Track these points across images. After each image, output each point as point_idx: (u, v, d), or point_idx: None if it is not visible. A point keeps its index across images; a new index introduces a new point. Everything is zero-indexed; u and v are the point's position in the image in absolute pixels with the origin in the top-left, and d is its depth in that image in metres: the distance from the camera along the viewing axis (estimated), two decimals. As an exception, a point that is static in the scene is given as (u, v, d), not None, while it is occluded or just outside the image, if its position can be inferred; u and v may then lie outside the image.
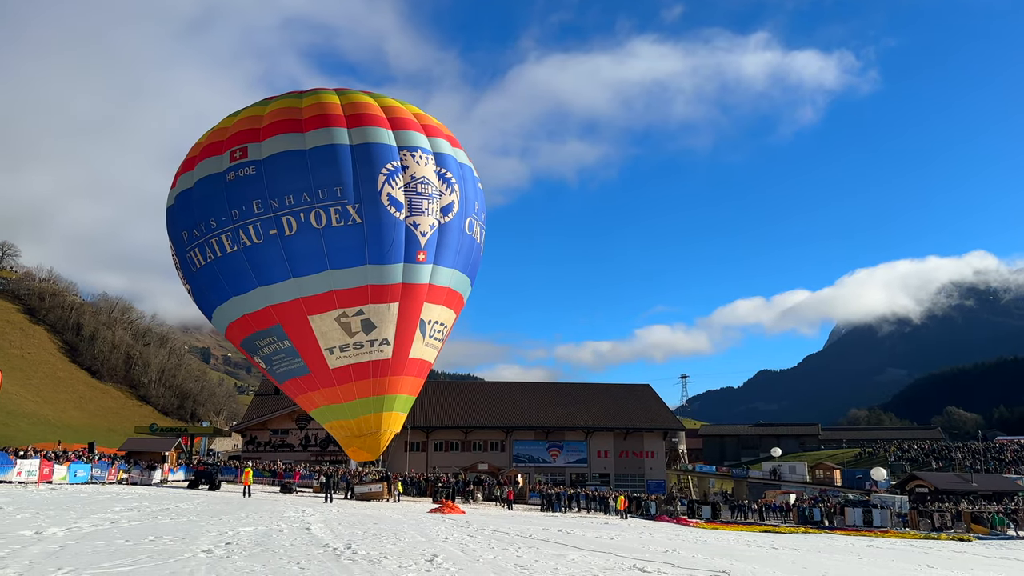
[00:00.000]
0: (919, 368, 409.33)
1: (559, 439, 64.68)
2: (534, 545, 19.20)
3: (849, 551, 24.96)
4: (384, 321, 15.64)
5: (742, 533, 32.83)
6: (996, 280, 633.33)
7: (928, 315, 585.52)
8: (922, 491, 55.26)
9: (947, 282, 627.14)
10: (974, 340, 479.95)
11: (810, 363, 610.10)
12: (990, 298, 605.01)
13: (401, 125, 16.43)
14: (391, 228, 15.29)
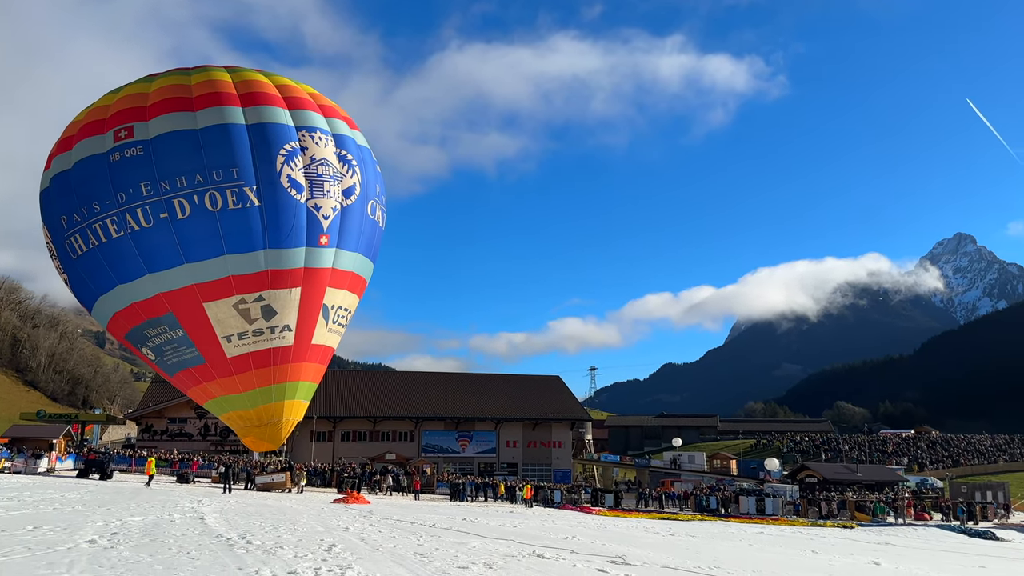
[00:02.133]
0: (813, 364, 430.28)
1: (469, 429, 64.83)
2: (437, 534, 19.22)
3: (741, 537, 26.03)
4: (285, 307, 15.18)
5: (641, 520, 33.77)
6: (888, 282, 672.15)
7: (824, 313, 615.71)
8: (811, 481, 58.16)
9: (843, 282, 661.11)
10: (865, 338, 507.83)
11: (712, 357, 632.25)
12: (880, 299, 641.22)
13: (298, 105, 15.90)
14: (291, 211, 14.81)
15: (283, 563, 10.76)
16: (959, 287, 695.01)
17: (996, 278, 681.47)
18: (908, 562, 19.25)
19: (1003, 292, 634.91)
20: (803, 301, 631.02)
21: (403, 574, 10.67)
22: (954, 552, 24.12)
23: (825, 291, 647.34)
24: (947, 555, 22.80)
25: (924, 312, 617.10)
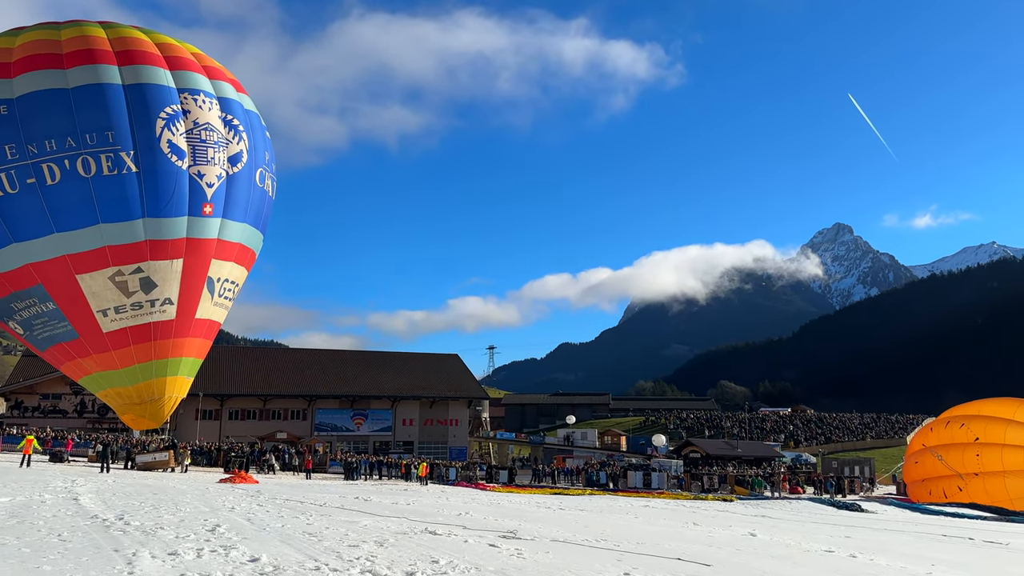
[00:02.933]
0: (701, 345, 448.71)
1: (364, 408, 64.08)
2: (328, 513, 18.91)
3: (628, 511, 26.90)
4: (166, 279, 14.37)
5: (534, 496, 34.36)
6: (772, 268, 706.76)
7: (712, 297, 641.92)
8: (695, 456, 60.78)
9: (730, 267, 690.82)
10: (749, 321, 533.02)
11: (607, 337, 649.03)
12: (763, 284, 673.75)
13: (180, 65, 14.90)
14: (172, 178, 13.95)
15: (163, 544, 10.32)
16: (836, 274, 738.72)
17: (870, 267, 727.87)
18: (782, 533, 20.38)
19: (875, 280, 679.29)
20: (693, 284, 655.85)
21: (291, 554, 10.43)
22: (824, 523, 25.73)
23: (714, 275, 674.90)
24: (817, 526, 24.29)
25: (803, 297, 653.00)
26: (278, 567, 9.08)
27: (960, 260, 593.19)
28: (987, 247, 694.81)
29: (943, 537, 21.28)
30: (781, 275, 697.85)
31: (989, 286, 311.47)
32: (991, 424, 38.04)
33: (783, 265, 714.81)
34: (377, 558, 10.61)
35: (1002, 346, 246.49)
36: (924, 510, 34.06)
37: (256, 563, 9.28)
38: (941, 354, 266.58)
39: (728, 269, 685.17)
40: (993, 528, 25.40)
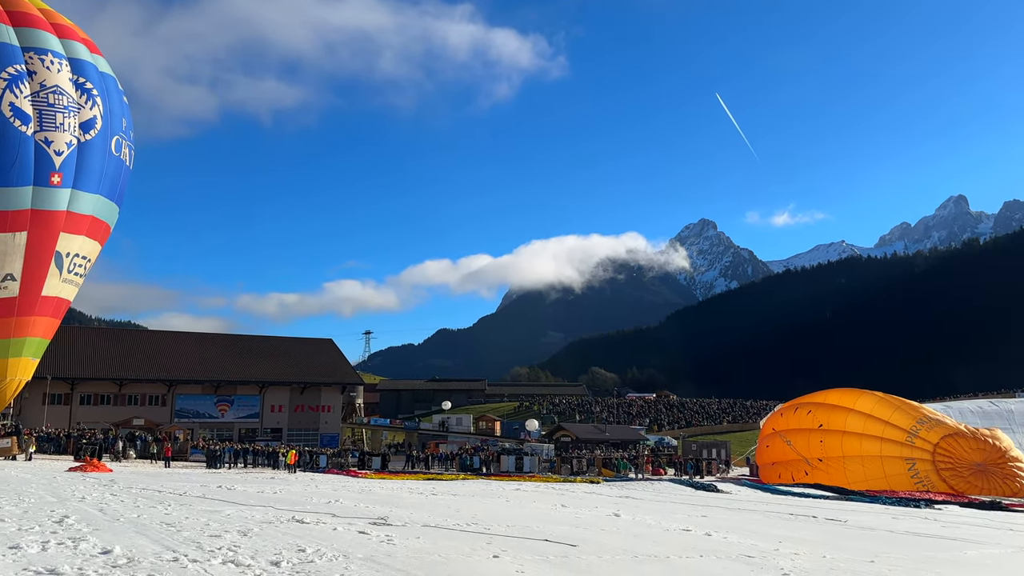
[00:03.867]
0: (575, 332, 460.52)
1: (230, 393, 61.62)
2: (187, 502, 18.11)
3: (500, 495, 27.29)
4: (8, 254, 13.14)
5: (407, 482, 34.21)
6: (643, 259, 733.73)
7: (587, 286, 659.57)
8: (566, 440, 62.45)
9: (604, 258, 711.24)
10: (620, 310, 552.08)
11: (485, 324, 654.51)
12: (635, 275, 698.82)
13: (25, 22, 13.52)
14: (15, 145, 12.78)
15: (3, 538, 9.56)
16: (701, 267, 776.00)
17: (731, 261, 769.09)
18: (644, 513, 21.28)
19: (735, 274, 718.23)
20: (570, 273, 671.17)
21: (147, 545, 9.90)
22: (682, 503, 27.06)
23: (589, 265, 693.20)
24: (676, 506, 25.53)
25: (670, 288, 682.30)
26: (132, 559, 8.60)
27: (812, 257, 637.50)
28: (836, 246, 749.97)
29: (790, 516, 22.86)
30: (652, 266, 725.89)
31: (837, 282, 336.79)
32: (834, 412, 41.16)
33: (654, 257, 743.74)
34: (240, 548, 10.26)
35: (848, 337, 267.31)
36: (774, 490, 36.47)
37: (108, 555, 8.76)
38: (793, 344, 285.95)
39: (603, 259, 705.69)
40: (834, 507, 27.54)
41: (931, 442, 36.90)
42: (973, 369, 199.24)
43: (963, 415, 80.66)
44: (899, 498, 31.16)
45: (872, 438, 38.63)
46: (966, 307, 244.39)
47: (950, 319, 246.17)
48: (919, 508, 27.65)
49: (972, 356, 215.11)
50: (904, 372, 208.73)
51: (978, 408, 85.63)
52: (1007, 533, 19.31)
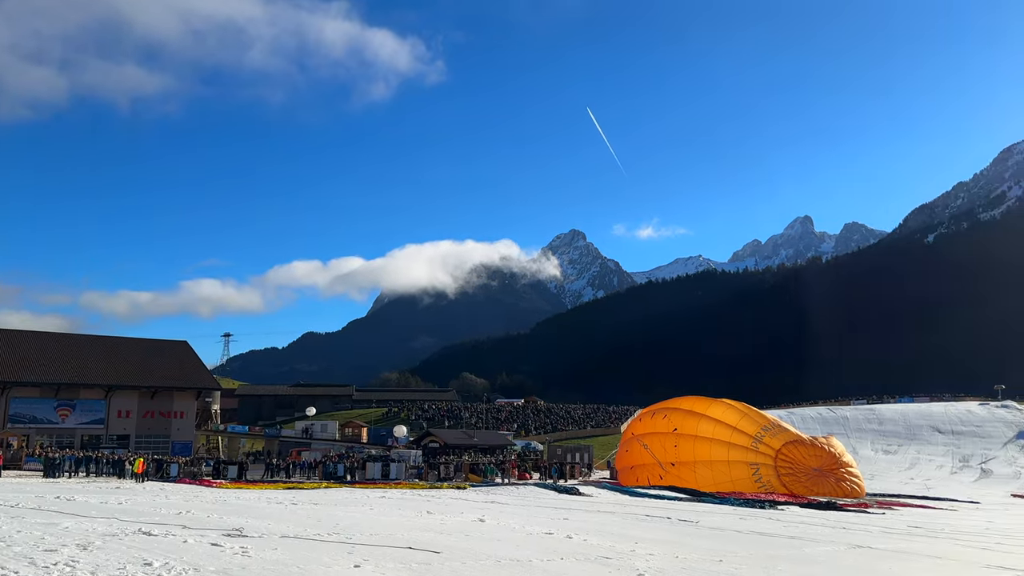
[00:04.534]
0: (447, 337, 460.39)
1: (72, 397, 57.22)
2: (20, 515, 16.71)
3: (364, 503, 26.83)
4: None
5: (265, 491, 32.98)
6: (516, 267, 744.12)
7: (460, 292, 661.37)
8: (434, 446, 62.20)
9: (479, 264, 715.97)
10: (492, 316, 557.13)
11: (354, 327, 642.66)
12: (507, 282, 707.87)
13: None
14: None
15: None
16: (571, 276, 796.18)
17: (598, 271, 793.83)
18: (508, 518, 21.55)
19: (602, 283, 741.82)
20: (443, 278, 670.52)
21: (-35, 565, 9.03)
22: (546, 507, 27.61)
23: (463, 271, 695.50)
24: (540, 509, 26.01)
25: (541, 296, 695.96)
26: (-52, 581, 7.83)
27: (673, 270, 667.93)
28: (695, 259, 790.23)
29: (646, 517, 23.80)
30: (524, 274, 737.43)
31: (695, 294, 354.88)
32: (688, 417, 43.29)
33: (526, 265, 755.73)
34: (79, 563, 9.57)
35: (704, 346, 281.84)
36: (632, 492, 37.86)
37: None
38: (655, 351, 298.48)
39: (477, 266, 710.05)
40: (687, 508, 28.92)
41: (774, 448, 39.48)
42: (815, 378, 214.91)
43: (804, 421, 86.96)
44: (746, 499, 33.12)
45: (721, 443, 40.88)
46: (810, 320, 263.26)
47: (796, 330, 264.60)
48: (764, 509, 29.50)
49: (815, 365, 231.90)
50: (754, 379, 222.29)
51: (818, 415, 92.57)
52: (841, 531, 20.93)
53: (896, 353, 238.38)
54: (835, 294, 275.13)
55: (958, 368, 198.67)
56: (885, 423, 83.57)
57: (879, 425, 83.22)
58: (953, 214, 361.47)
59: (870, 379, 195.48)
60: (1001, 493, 51.50)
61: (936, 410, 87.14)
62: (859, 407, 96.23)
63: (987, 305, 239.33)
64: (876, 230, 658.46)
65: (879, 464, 68.62)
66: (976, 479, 61.56)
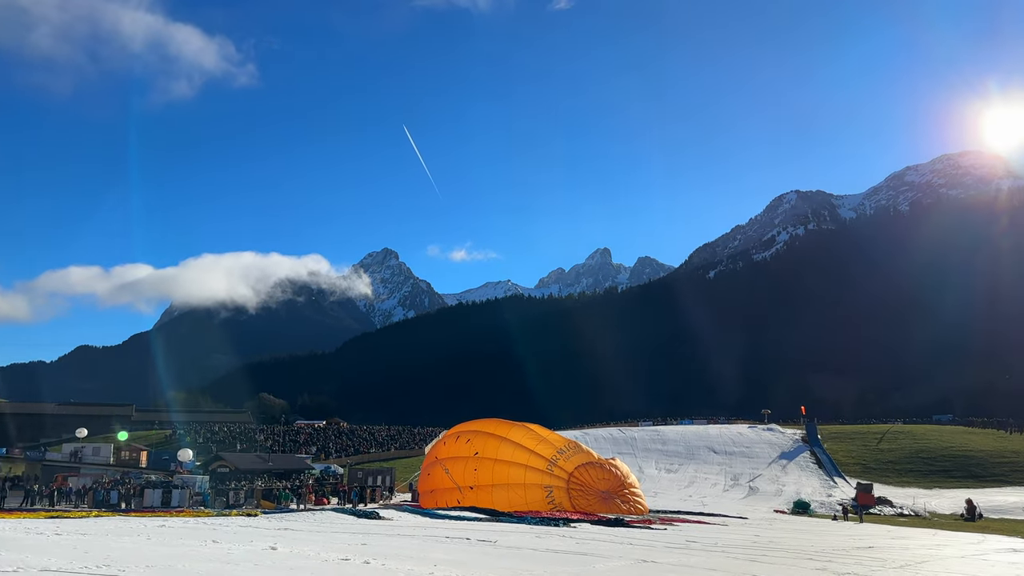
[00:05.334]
0: (245, 355, 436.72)
1: None
2: None
3: (140, 532, 24.54)
4: None
5: (24, 520, 29.25)
6: (325, 283, 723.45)
7: (263, 306, 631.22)
8: (224, 471, 58.42)
9: (284, 278, 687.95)
10: (296, 334, 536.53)
11: (138, 341, 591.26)
12: (314, 298, 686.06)
13: None
14: None
15: None
16: (382, 295, 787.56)
17: (410, 291, 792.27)
18: (303, 545, 20.59)
19: (414, 303, 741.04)
20: (245, 292, 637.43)
21: None
22: (344, 532, 26.73)
23: (267, 285, 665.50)
24: (338, 535, 25.13)
25: (350, 314, 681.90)
26: None
27: (483, 293, 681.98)
28: (504, 284, 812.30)
29: (446, 539, 23.75)
30: (334, 291, 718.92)
31: (504, 317, 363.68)
32: (489, 440, 44.03)
33: (336, 282, 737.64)
34: None
35: (511, 368, 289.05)
36: (432, 515, 37.72)
37: None
38: (463, 373, 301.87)
39: (282, 280, 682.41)
40: (487, 528, 29.23)
41: (567, 471, 41.19)
42: (610, 399, 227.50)
43: (598, 441, 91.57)
44: (542, 518, 34.12)
45: (519, 466, 41.95)
46: (607, 345, 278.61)
47: (595, 356, 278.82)
48: (558, 527, 30.51)
49: (609, 388, 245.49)
50: (556, 400, 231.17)
51: (609, 435, 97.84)
52: (628, 547, 22.07)
53: (680, 377, 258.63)
54: (628, 322, 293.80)
55: (733, 393, 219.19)
56: (668, 443, 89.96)
57: (663, 445, 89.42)
58: (731, 254, 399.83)
59: (656, 402, 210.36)
60: (765, 509, 57.09)
61: (712, 432, 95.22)
62: (646, 428, 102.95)
63: (758, 336, 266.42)
64: (666, 264, 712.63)
65: (662, 482, 73.57)
66: (745, 496, 67.72)
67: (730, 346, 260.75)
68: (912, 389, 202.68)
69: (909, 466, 77.28)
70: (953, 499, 61.65)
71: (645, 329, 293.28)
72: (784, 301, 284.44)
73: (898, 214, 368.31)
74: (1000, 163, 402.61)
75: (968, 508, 54.84)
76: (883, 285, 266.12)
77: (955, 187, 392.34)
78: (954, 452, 79.00)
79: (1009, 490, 66.35)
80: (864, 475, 73.75)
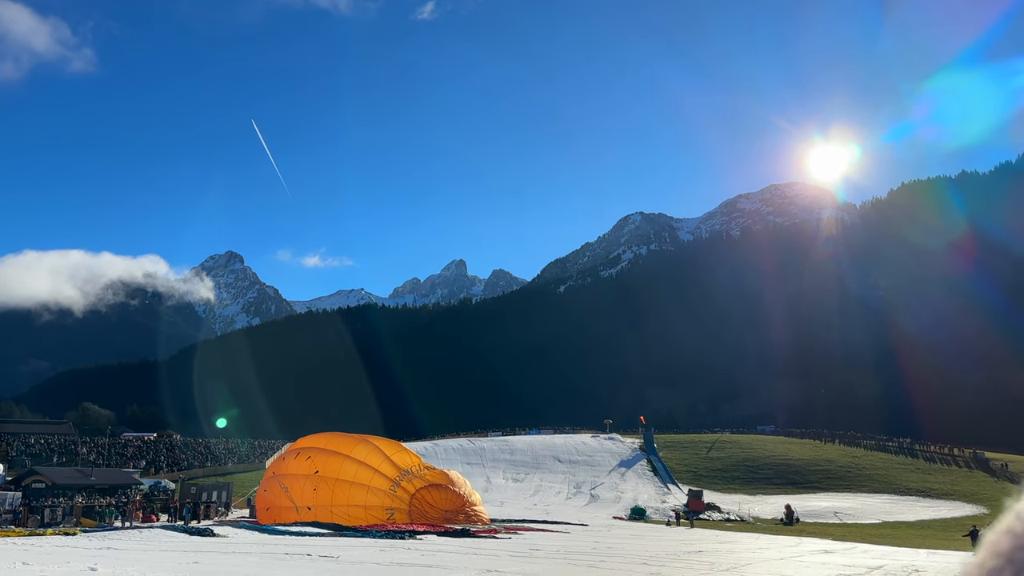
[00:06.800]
0: (67, 361, 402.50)
1: None
2: None
3: (-66, 558, 21.99)
4: None
5: None
6: (163, 286, 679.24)
7: (90, 309, 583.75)
8: (39, 486, 53.46)
9: (116, 279, 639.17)
10: (127, 339, 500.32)
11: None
12: (148, 302, 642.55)
13: None
14: None
15: None
16: (224, 300, 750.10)
17: (256, 297, 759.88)
18: (127, 565, 19.22)
19: (259, 310, 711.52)
20: (71, 293, 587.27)
21: None
22: (174, 551, 25.17)
23: (96, 286, 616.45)
24: (167, 554, 23.64)
25: (187, 320, 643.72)
26: None
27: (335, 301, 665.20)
28: (356, 292, 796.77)
29: (286, 556, 22.94)
30: (172, 294, 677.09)
31: (355, 326, 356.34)
32: (331, 459, 42.88)
33: (175, 285, 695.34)
34: None
35: (359, 378, 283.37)
36: (272, 531, 36.27)
37: None
38: (307, 383, 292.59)
39: (114, 281, 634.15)
40: (329, 543, 28.48)
41: (409, 492, 41.01)
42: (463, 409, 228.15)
43: (447, 452, 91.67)
44: (387, 531, 33.70)
45: (361, 486, 41.17)
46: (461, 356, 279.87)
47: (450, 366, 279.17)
48: (404, 539, 30.25)
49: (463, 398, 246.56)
50: (405, 412, 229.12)
51: (459, 446, 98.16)
52: (473, 557, 22.24)
53: (526, 388, 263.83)
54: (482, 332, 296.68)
55: (577, 403, 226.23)
56: (516, 453, 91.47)
57: (511, 455, 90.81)
58: (580, 269, 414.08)
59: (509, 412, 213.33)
60: (605, 516, 59.25)
61: (558, 441, 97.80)
62: (495, 439, 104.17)
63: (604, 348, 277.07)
64: (519, 277, 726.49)
65: (509, 491, 74.66)
66: (587, 503, 70.00)
67: (579, 357, 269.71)
68: (739, 401, 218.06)
69: (736, 473, 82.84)
70: (774, 504, 66.66)
71: (500, 340, 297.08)
72: (628, 316, 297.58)
73: (730, 238, 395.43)
74: (823, 194, 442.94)
75: (787, 513, 59.46)
76: (716, 304, 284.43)
77: (782, 215, 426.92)
78: (776, 461, 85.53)
79: (823, 495, 72.68)
80: (695, 482, 78.26)
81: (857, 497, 71.89)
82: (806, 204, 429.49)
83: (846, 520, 61.06)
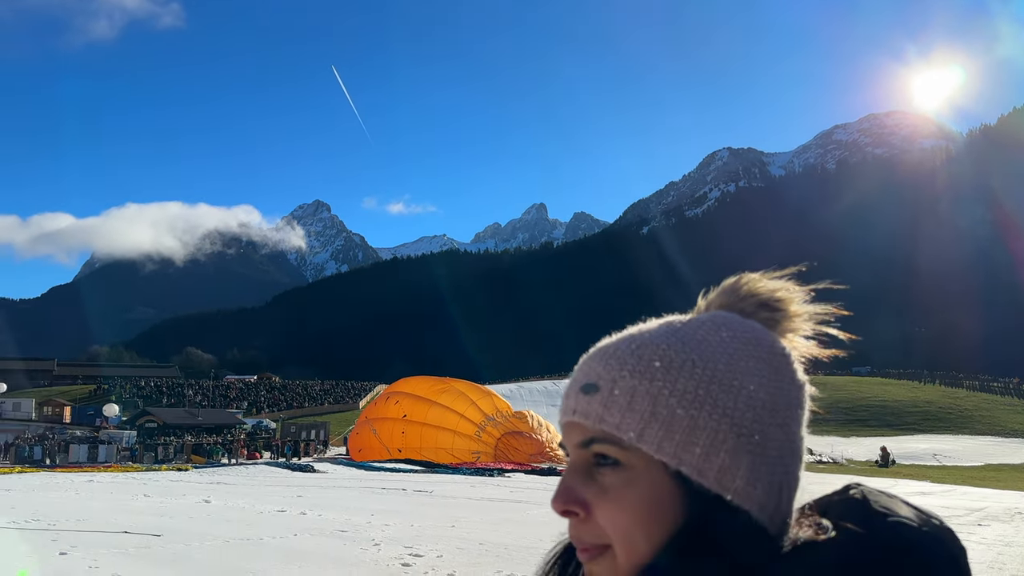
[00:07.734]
0: (171, 309, 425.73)
1: None
2: None
3: (68, 487, 24.00)
4: None
5: (-61, 480, 28.23)
6: (257, 235, 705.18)
7: (190, 259, 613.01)
8: (152, 426, 57.33)
9: (213, 229, 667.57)
10: (224, 287, 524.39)
11: (58, 294, 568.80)
12: (243, 251, 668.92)
13: None
14: None
15: None
16: (314, 248, 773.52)
17: (343, 244, 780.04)
18: (237, 498, 20.51)
19: (347, 257, 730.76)
20: (171, 244, 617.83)
21: None
22: (278, 485, 26.68)
23: (195, 236, 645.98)
24: (272, 488, 25.08)
25: (280, 268, 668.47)
26: None
27: (418, 247, 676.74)
28: (439, 238, 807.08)
29: (382, 490, 23.98)
30: (265, 243, 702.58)
31: (438, 272, 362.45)
32: (418, 404, 44.12)
33: (268, 234, 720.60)
34: None
35: (447, 323, 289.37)
36: (368, 467, 37.91)
37: None
38: (397, 327, 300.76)
39: (211, 231, 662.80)
40: (422, 479, 29.59)
41: (495, 437, 41.90)
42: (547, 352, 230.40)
43: (532, 393, 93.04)
44: (476, 468, 34.71)
45: (447, 431, 42.33)
46: (544, 299, 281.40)
47: (532, 309, 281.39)
48: (492, 476, 31.11)
49: (547, 340, 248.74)
50: (492, 354, 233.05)
51: (543, 388, 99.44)
52: (559, 493, 22.68)
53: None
54: (563, 277, 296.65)
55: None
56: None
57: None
58: (664, 210, 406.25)
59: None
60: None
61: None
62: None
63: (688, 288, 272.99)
64: (600, 220, 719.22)
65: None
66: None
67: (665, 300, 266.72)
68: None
69: (829, 416, 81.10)
70: (869, 447, 65.07)
71: (582, 283, 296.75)
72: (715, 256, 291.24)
73: (825, 171, 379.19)
74: (925, 122, 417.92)
75: (882, 455, 58.02)
76: (811, 238, 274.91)
77: (881, 146, 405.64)
78: (871, 402, 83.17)
79: (921, 437, 70.46)
80: (786, 424, 76.96)
81: (958, 439, 69.38)
82: (907, 133, 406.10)
83: (945, 462, 59.18)
